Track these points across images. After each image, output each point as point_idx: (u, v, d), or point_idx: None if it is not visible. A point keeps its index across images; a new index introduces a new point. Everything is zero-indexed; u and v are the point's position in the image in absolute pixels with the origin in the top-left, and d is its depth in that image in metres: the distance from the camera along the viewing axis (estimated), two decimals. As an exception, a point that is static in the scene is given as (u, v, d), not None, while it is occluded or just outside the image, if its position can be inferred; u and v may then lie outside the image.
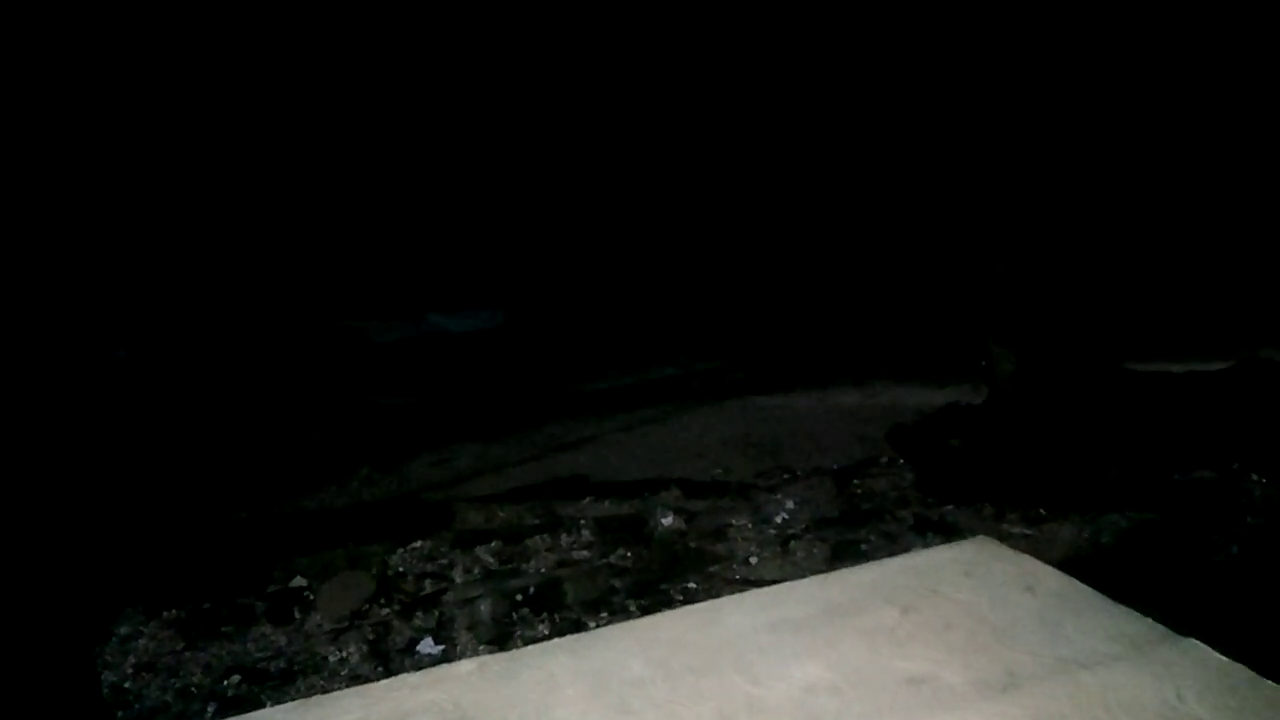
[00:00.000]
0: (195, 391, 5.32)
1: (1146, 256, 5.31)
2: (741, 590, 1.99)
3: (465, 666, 1.64)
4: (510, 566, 3.61)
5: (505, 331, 6.37)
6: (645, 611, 3.07)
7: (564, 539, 3.79)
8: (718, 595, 2.14)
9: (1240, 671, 1.49)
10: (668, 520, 3.91)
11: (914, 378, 5.45)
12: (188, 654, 3.13)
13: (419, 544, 3.77)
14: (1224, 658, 1.52)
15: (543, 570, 3.56)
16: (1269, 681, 1.45)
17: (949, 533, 3.64)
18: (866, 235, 6.24)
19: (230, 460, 4.62)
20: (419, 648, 3.12)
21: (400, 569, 3.62)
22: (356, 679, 2.89)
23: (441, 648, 3.11)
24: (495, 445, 5.02)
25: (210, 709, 2.86)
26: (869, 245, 6.24)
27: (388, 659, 3.07)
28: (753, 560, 3.59)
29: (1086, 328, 4.84)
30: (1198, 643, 1.56)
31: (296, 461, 4.64)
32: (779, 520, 3.88)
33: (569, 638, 1.76)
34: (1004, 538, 3.47)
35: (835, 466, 4.39)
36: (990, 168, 5.11)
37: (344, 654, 3.10)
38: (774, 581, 2.02)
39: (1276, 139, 5.43)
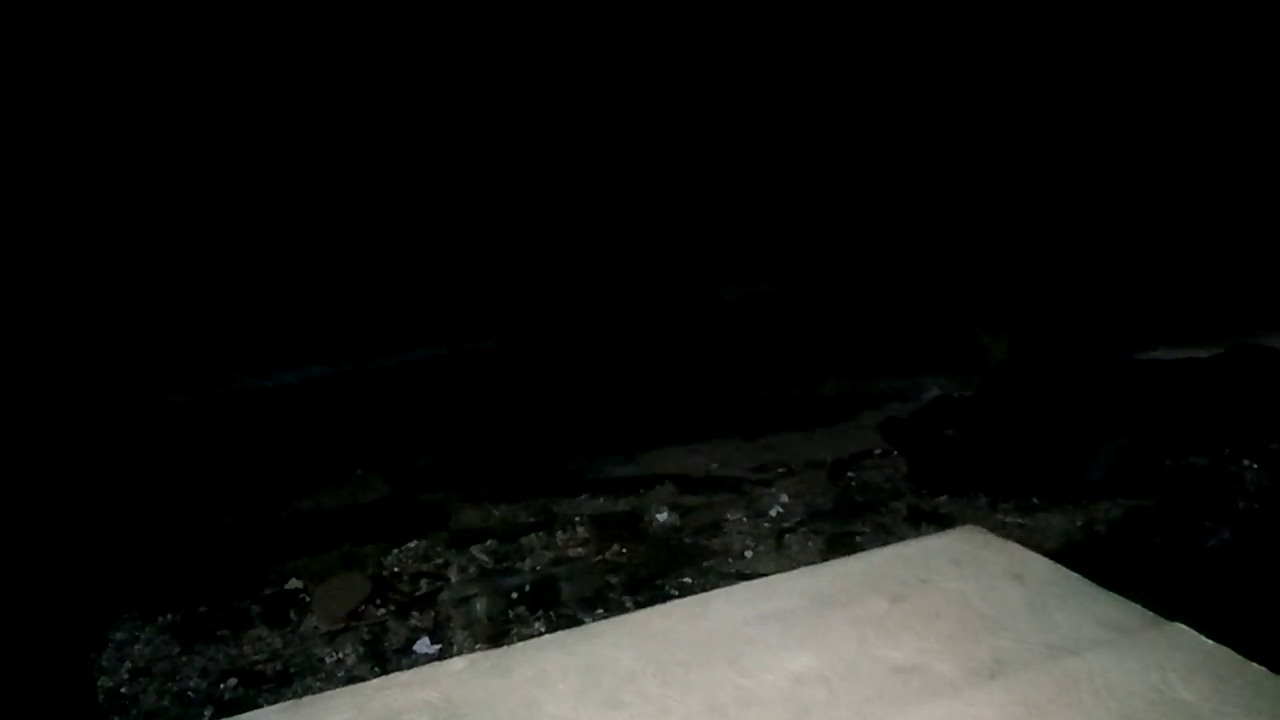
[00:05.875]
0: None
1: (1136, 243, 5.32)
2: (735, 584, 2.00)
3: (456, 664, 1.65)
4: (506, 565, 3.61)
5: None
6: (641, 607, 3.08)
7: (559, 536, 3.80)
8: (712, 589, 2.15)
9: (1227, 655, 1.49)
10: (663, 516, 3.91)
11: (906, 369, 5.45)
12: (184, 658, 3.14)
13: (414, 544, 3.77)
14: (1210, 642, 1.53)
15: (538, 568, 3.57)
16: (1255, 664, 1.46)
17: (943, 523, 3.65)
18: (854, 228, 6.23)
19: (224, 463, 4.61)
20: (415, 648, 3.13)
21: (396, 569, 3.62)
22: (353, 680, 2.89)
23: (438, 647, 3.12)
24: (489, 443, 5.02)
25: (207, 713, 2.86)
26: (857, 238, 6.24)
27: (384, 660, 3.07)
28: (748, 554, 3.60)
29: (1077, 316, 4.85)
30: (1184, 627, 1.57)
31: (290, 464, 4.63)
32: (773, 514, 3.89)
33: (560, 633, 1.76)
34: (997, 527, 3.48)
35: (829, 459, 4.40)
36: (978, 158, 5.12)
37: (340, 655, 3.10)
38: (768, 574, 2.02)
39: (1267, 123, 5.44)
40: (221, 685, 2.98)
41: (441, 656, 3.02)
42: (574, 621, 3.15)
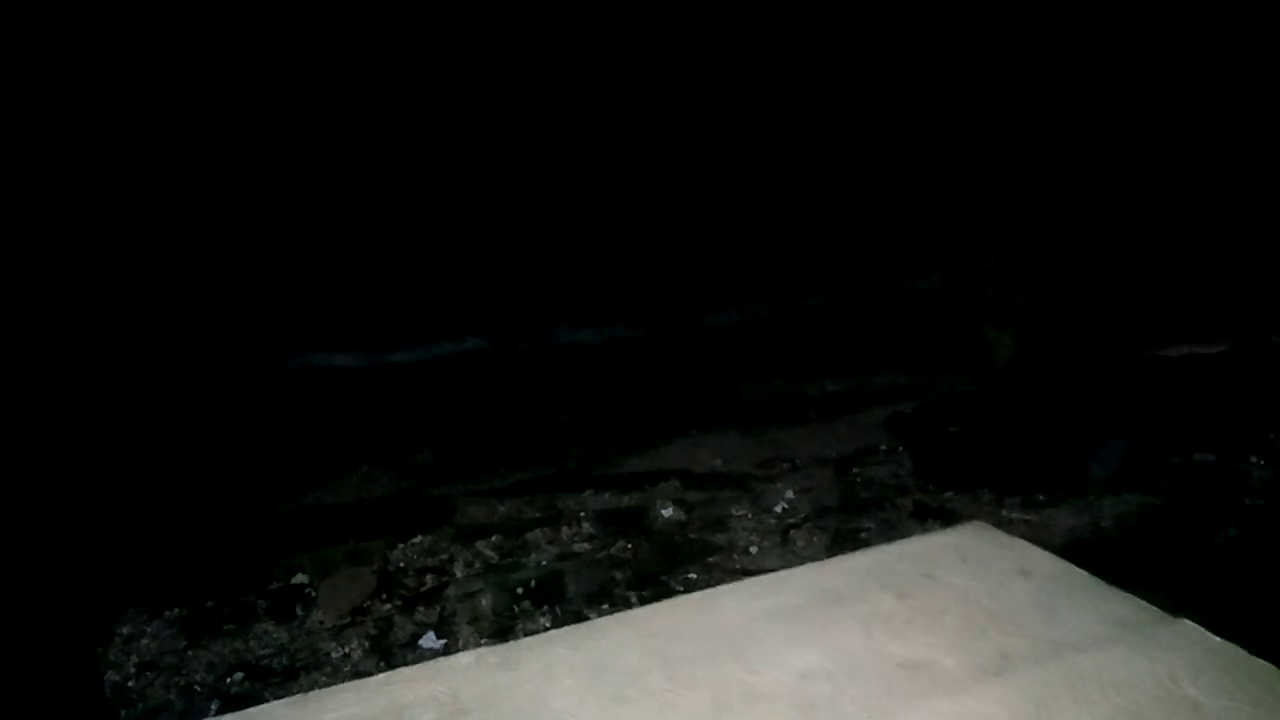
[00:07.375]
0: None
1: (1143, 240, 5.30)
2: (740, 580, 1.99)
3: (463, 659, 1.65)
4: (511, 560, 3.62)
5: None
6: (645, 603, 3.08)
7: (565, 532, 3.80)
8: (718, 585, 2.15)
9: (1233, 651, 1.49)
10: (668, 512, 3.91)
11: (911, 366, 5.45)
12: (190, 652, 3.15)
13: (419, 539, 3.78)
14: (1217, 638, 1.52)
15: (544, 563, 3.57)
16: (1261, 660, 1.45)
17: (948, 519, 3.64)
18: (859, 227, 6.22)
19: (231, 458, 4.63)
20: (421, 643, 3.13)
21: (401, 564, 3.63)
22: (359, 675, 2.89)
23: (443, 642, 3.13)
24: (495, 439, 5.02)
25: (213, 707, 2.87)
26: (862, 237, 6.23)
27: (390, 655, 3.08)
28: (753, 550, 3.60)
29: (1083, 313, 4.84)
30: (1191, 623, 1.57)
31: (296, 459, 4.65)
32: (779, 510, 3.89)
33: (566, 629, 1.76)
34: (1003, 523, 3.48)
35: (834, 455, 4.39)
36: (983, 156, 5.10)
37: (346, 650, 3.11)
38: (774, 570, 2.01)
39: (1273, 118, 5.41)
40: (228, 680, 2.99)
41: (447, 651, 3.03)
42: (579, 617, 3.16)
